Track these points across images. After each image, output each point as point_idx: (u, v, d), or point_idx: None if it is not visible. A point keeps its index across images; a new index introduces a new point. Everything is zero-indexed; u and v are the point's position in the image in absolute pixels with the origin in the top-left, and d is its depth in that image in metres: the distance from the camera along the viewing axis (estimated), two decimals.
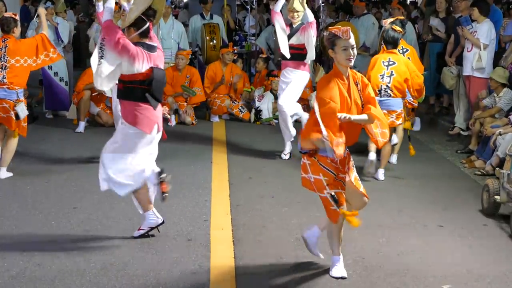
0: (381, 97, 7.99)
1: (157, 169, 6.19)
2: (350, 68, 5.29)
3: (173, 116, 11.67)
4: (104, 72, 5.94)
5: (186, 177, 8.09)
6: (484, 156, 8.95)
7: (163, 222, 6.28)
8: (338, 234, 5.55)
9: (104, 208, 7.08)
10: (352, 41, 5.18)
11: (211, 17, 13.66)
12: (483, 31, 10.10)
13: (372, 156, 8.34)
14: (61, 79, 12.17)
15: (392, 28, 8.19)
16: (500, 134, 8.58)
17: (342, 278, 5.47)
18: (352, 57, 5.17)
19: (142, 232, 6.24)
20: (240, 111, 12.09)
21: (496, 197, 6.91)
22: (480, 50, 10.08)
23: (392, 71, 8.07)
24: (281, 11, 9.20)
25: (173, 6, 15.01)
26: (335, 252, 5.59)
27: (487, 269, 5.73)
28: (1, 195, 7.56)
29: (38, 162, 8.87)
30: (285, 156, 9.33)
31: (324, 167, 5.33)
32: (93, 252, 5.89)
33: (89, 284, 5.28)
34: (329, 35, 5.25)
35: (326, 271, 5.61)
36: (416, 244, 6.25)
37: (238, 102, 12.19)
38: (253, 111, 11.95)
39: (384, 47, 8.29)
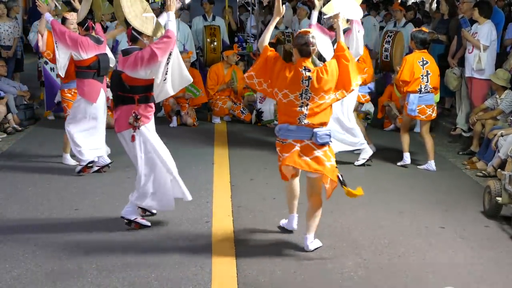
0: (421, 94, 8.81)
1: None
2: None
3: (174, 118, 11.67)
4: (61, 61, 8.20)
5: (188, 179, 8.06)
6: (485, 157, 8.95)
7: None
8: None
9: (106, 209, 7.09)
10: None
11: (213, 19, 13.67)
12: (484, 32, 10.10)
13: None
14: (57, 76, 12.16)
15: (420, 29, 8.99)
16: (501, 135, 8.58)
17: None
18: None
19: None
20: (242, 112, 12.09)
21: (498, 198, 6.91)
22: (480, 51, 10.08)
23: (427, 70, 8.83)
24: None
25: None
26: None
27: (489, 271, 5.73)
28: (3, 196, 7.56)
29: (40, 164, 8.87)
30: None
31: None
32: (94, 253, 5.90)
33: (90, 285, 5.29)
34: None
35: (329, 272, 5.61)
36: (417, 246, 6.26)
37: (240, 104, 12.19)
38: (255, 112, 11.94)
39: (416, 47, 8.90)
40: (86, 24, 8.22)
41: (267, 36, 6.11)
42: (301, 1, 16.10)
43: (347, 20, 8.76)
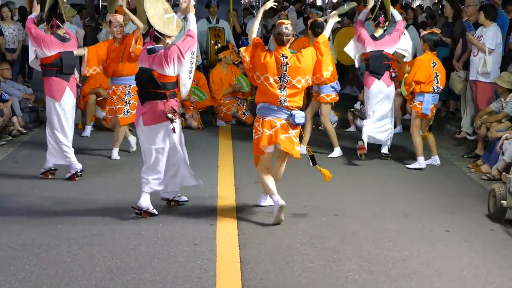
0: (433, 93, 9.09)
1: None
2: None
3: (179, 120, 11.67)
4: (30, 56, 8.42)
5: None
6: (490, 160, 8.94)
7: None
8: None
9: (110, 212, 7.09)
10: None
11: (217, 22, 13.67)
12: (489, 35, 10.08)
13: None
14: None
15: (432, 31, 9.12)
16: (506, 138, 8.56)
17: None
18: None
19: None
20: (244, 114, 12.08)
21: (503, 202, 6.90)
22: (486, 55, 10.07)
23: (436, 72, 9.07)
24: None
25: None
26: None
27: (494, 274, 5.72)
28: (8, 199, 7.58)
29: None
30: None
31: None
32: (99, 256, 5.90)
33: None
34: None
35: (333, 276, 5.61)
36: (422, 249, 6.25)
37: (243, 105, 12.17)
38: None
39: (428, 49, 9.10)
40: (51, 22, 8.28)
41: (255, 27, 7.00)
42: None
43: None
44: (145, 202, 6.97)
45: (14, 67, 12.60)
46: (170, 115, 6.84)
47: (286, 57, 6.73)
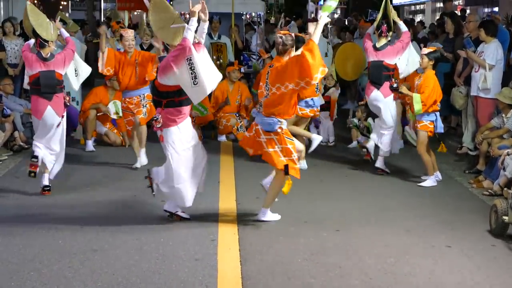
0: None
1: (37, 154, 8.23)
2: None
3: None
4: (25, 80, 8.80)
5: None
6: (492, 176, 8.93)
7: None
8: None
9: (111, 227, 7.09)
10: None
11: (219, 37, 13.72)
12: (490, 51, 10.12)
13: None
14: (73, 99, 12.23)
15: (435, 50, 9.27)
16: (508, 154, 8.56)
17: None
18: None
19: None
20: (238, 129, 12.00)
21: (504, 217, 6.89)
22: (486, 71, 10.09)
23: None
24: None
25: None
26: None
27: None
28: (10, 213, 7.58)
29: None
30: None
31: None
32: (100, 272, 5.90)
33: None
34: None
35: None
36: (424, 265, 6.23)
37: (241, 121, 12.12)
38: None
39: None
40: (34, 41, 8.48)
41: None
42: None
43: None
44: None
45: (16, 82, 12.61)
46: (153, 122, 7.09)
47: (272, 66, 7.07)
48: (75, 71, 9.44)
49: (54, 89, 8.39)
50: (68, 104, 8.70)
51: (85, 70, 9.55)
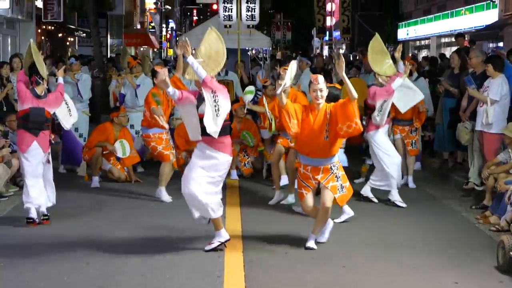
0: None
1: None
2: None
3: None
4: None
5: (198, 232, 8.08)
6: (498, 211, 8.91)
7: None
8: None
9: (117, 263, 7.09)
10: (320, 86, 7.36)
11: (226, 73, 13.80)
12: (494, 86, 10.16)
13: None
14: (81, 135, 12.33)
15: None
16: None
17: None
18: (319, 97, 7.38)
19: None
20: (245, 165, 12.02)
21: None
22: (487, 105, 10.12)
23: None
24: None
25: None
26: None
27: None
28: (14, 250, 7.59)
29: (51, 218, 8.87)
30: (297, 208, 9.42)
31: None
32: None
33: None
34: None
35: None
36: None
37: (248, 157, 12.12)
38: (265, 166, 11.92)
39: None
40: (31, 78, 8.69)
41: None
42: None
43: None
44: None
45: None
46: None
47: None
48: (69, 111, 9.66)
49: (41, 126, 8.67)
50: (53, 142, 9.10)
51: (74, 115, 9.78)
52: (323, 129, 7.39)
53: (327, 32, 40.00)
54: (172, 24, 68.21)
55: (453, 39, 21.06)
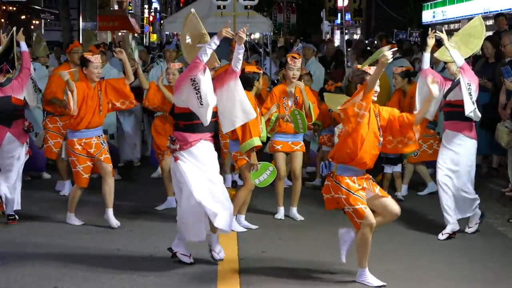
0: None
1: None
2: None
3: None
4: None
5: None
6: None
7: None
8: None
9: (91, 286, 7.11)
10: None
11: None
12: None
13: None
14: (111, 136, 12.16)
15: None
16: None
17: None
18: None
19: None
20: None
21: None
22: None
23: None
24: None
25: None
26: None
27: None
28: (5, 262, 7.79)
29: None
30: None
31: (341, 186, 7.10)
32: None
33: None
34: (359, 71, 7.21)
35: None
36: None
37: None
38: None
39: None
40: (1, 66, 9.04)
41: None
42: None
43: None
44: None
45: None
46: (168, 144, 7.63)
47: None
48: (34, 87, 9.95)
49: (11, 115, 9.06)
50: (29, 129, 9.31)
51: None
52: (377, 133, 7.18)
53: (339, 15, 39.83)
54: (155, 5, 68.28)
55: (487, 22, 20.97)
